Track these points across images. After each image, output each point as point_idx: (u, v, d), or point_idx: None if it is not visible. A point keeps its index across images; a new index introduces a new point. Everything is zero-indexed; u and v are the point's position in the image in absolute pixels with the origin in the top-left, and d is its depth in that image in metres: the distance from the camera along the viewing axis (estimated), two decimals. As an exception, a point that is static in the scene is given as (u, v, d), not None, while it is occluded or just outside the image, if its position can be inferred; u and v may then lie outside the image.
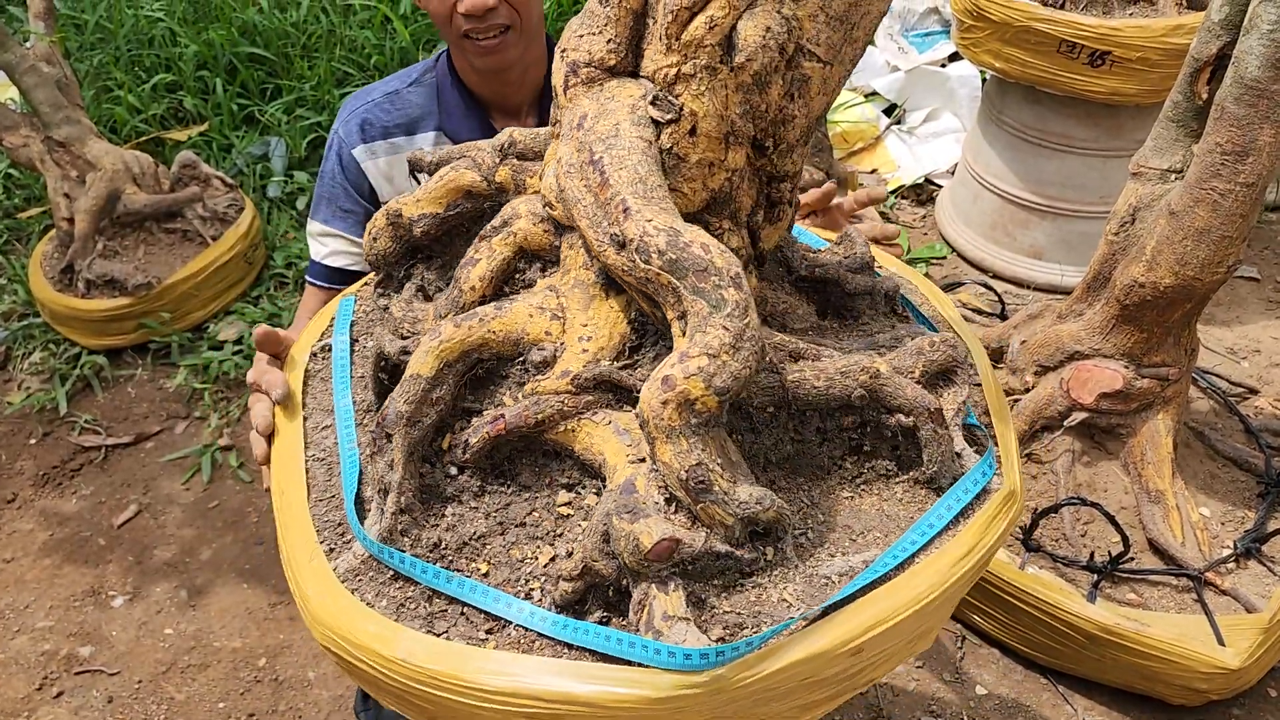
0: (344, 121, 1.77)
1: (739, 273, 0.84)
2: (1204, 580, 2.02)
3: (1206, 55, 1.95)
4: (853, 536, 0.92)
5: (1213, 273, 1.94)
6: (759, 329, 0.84)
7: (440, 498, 0.93)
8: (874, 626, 0.83)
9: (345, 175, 1.77)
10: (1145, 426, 2.16)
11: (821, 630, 0.82)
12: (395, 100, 1.76)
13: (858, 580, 0.85)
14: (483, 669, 0.80)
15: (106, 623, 2.42)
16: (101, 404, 3.05)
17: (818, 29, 0.90)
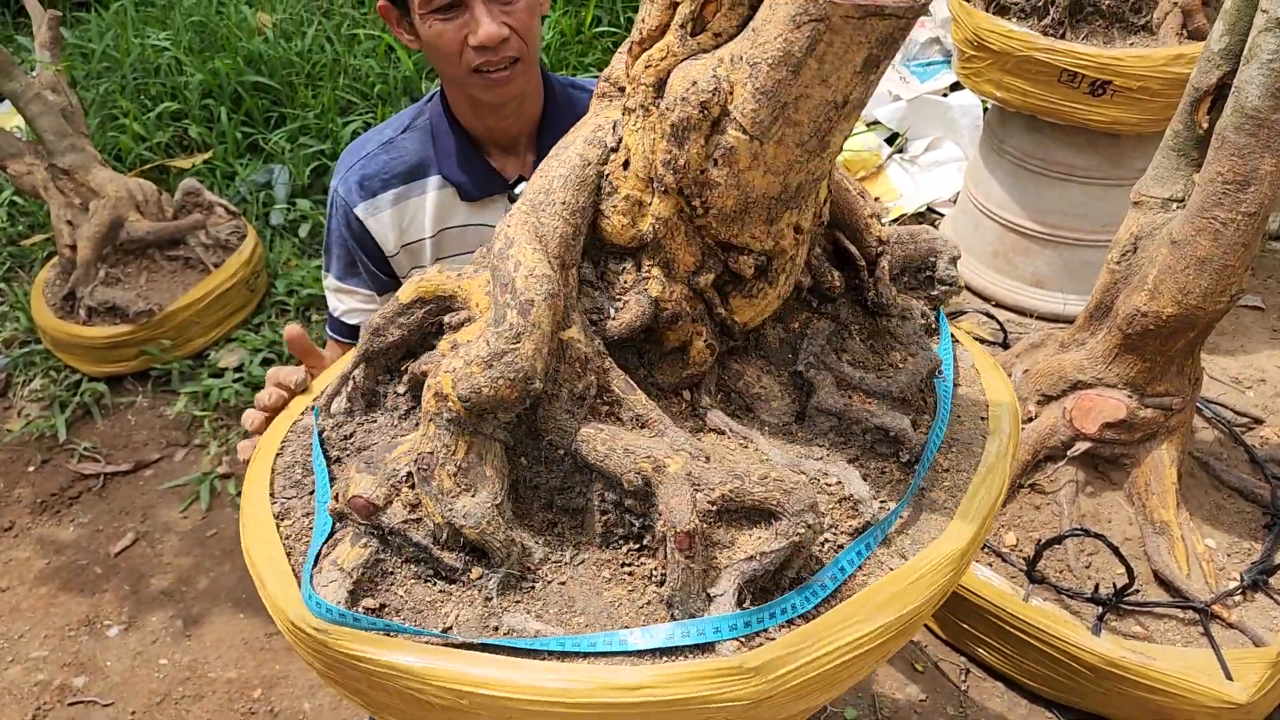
0: (342, 180, 1.75)
1: (534, 300, 0.86)
2: (1210, 613, 1.99)
3: (1207, 84, 1.95)
4: (566, 609, 0.88)
5: (1215, 302, 1.93)
6: (530, 360, 0.86)
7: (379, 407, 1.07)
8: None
9: (351, 235, 1.76)
10: (1149, 456, 2.14)
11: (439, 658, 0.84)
12: (390, 149, 1.75)
13: (520, 641, 0.84)
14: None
15: (101, 652, 2.40)
16: (101, 431, 3.04)
17: (744, 99, 0.83)
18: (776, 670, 0.82)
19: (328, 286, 1.85)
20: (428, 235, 1.76)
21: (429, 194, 1.75)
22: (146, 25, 4.54)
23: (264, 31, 4.22)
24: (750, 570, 0.85)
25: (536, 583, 0.91)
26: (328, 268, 1.84)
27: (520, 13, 1.57)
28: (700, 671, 0.80)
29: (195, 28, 4.34)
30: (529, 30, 1.59)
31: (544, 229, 0.94)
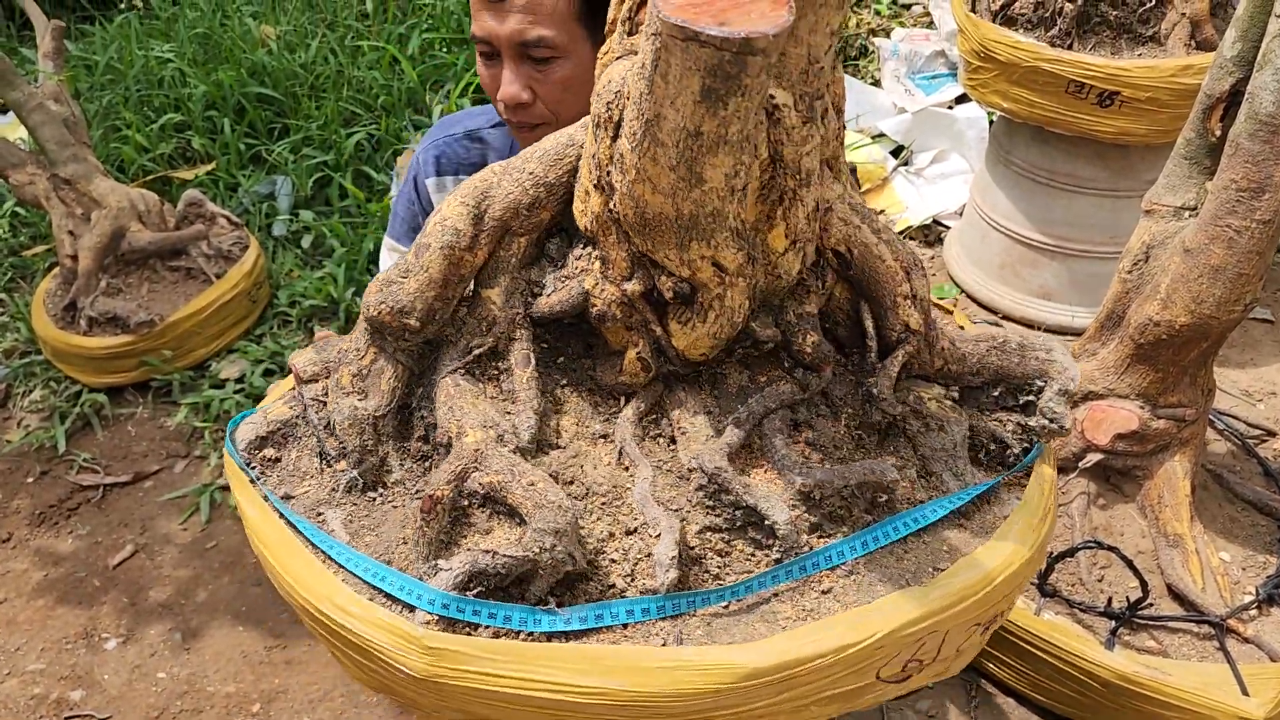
0: (424, 149, 1.82)
1: (430, 246, 0.98)
2: (1226, 627, 1.96)
3: (1220, 91, 1.93)
4: (373, 530, 1.01)
5: (1229, 311, 1.90)
6: (410, 297, 0.99)
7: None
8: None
9: (420, 201, 1.84)
10: (1162, 468, 2.11)
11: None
12: (473, 141, 1.80)
13: (317, 535, 0.98)
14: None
15: (99, 666, 2.36)
16: (101, 442, 3.02)
17: (629, 108, 0.82)
18: (449, 661, 0.86)
19: (387, 246, 1.92)
20: None
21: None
22: (150, 37, 4.54)
23: (268, 43, 4.22)
24: (482, 562, 0.88)
25: (379, 498, 1.00)
26: (391, 230, 1.92)
27: (552, 82, 1.53)
28: (388, 624, 0.88)
29: (199, 40, 4.34)
30: (559, 101, 1.56)
31: (495, 190, 1.00)
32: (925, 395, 1.06)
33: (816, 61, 0.85)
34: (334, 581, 0.94)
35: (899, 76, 4.28)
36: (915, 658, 0.93)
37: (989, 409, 1.10)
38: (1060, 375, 1.05)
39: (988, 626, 1.00)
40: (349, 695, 2.24)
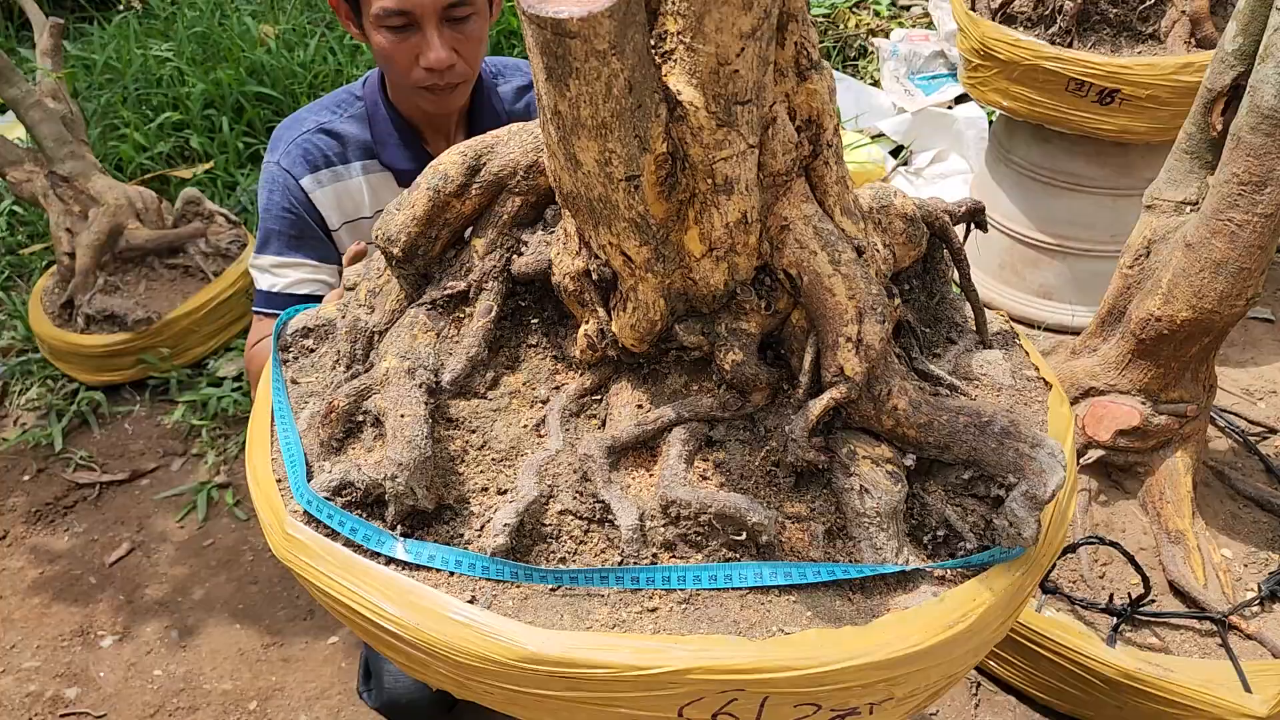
0: (284, 154, 1.78)
1: (419, 185, 1.06)
2: (1228, 624, 1.95)
3: (1221, 86, 1.93)
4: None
5: (1231, 306, 1.90)
6: (396, 228, 1.07)
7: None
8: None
9: (296, 205, 1.78)
10: (1164, 465, 2.10)
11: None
12: (329, 131, 1.79)
13: (284, 418, 1.10)
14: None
15: (94, 663, 2.35)
16: (98, 440, 3.00)
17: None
18: (299, 551, 0.97)
19: (262, 266, 1.82)
20: (367, 215, 1.83)
21: (365, 177, 1.82)
22: (149, 37, 4.53)
23: (267, 42, 4.21)
24: (351, 474, 0.97)
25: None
26: (263, 249, 1.83)
27: (471, 37, 1.64)
28: (271, 503, 1.03)
29: (198, 39, 4.33)
30: (476, 56, 1.68)
31: (499, 148, 1.05)
32: (861, 452, 0.97)
33: (728, 63, 0.82)
34: (266, 458, 1.06)
35: (898, 77, 4.28)
36: (728, 712, 0.87)
37: (955, 491, 0.99)
38: (1034, 478, 0.91)
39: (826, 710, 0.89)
40: (346, 693, 2.22)
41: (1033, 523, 0.90)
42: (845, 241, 0.97)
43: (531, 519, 0.95)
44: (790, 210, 0.96)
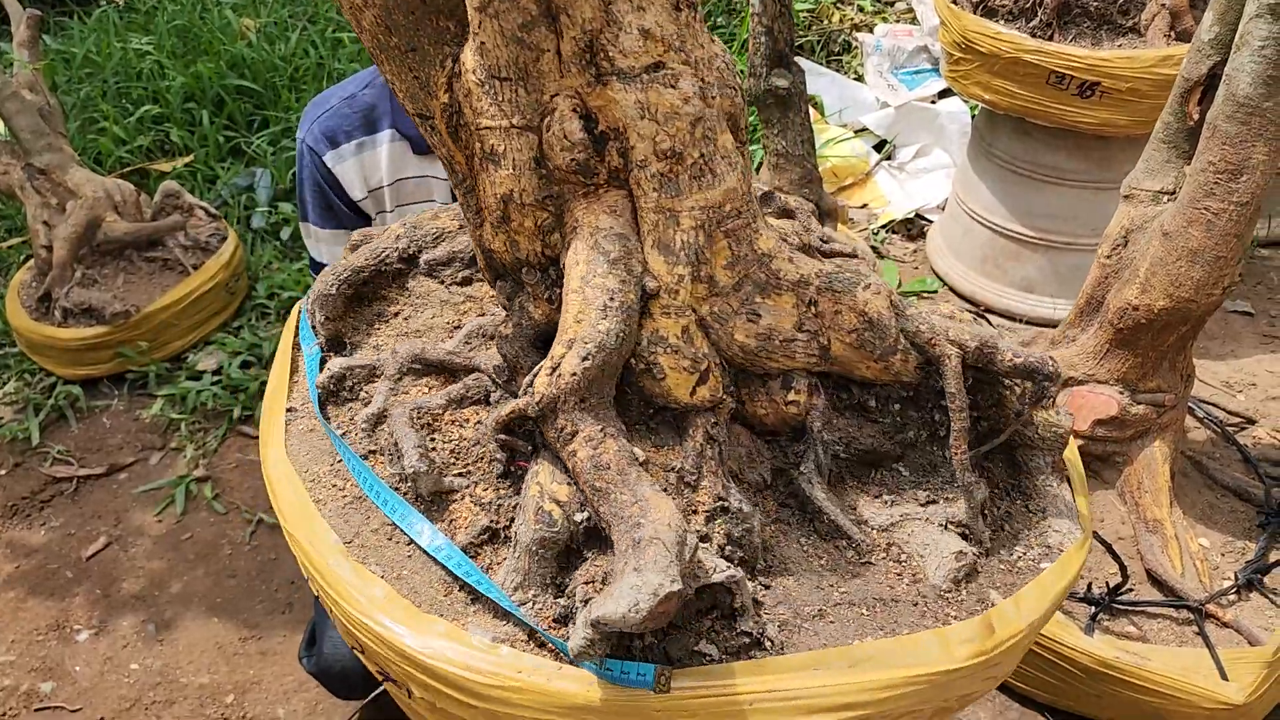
0: (308, 132, 1.90)
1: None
2: (1205, 612, 1.95)
3: (1197, 75, 1.93)
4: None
5: (1208, 294, 1.90)
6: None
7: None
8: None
9: (324, 181, 1.91)
10: (1142, 454, 2.10)
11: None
12: (352, 104, 1.89)
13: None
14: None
15: (70, 658, 2.33)
16: (75, 435, 2.98)
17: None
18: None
19: (307, 235, 2.00)
20: (386, 183, 1.92)
21: (384, 145, 1.90)
22: (129, 31, 4.50)
23: (247, 36, 4.19)
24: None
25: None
26: (305, 216, 1.99)
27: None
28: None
29: (178, 32, 4.30)
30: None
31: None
32: (545, 480, 0.95)
33: (480, 33, 0.89)
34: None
35: (882, 72, 4.28)
36: None
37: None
38: (619, 588, 0.83)
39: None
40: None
41: (582, 637, 0.80)
42: (624, 270, 0.93)
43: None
44: (584, 216, 0.95)
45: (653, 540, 0.81)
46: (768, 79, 2.82)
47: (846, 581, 0.97)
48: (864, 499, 1.05)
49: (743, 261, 0.97)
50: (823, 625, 0.92)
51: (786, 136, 2.93)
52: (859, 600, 0.95)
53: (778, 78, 2.82)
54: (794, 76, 2.84)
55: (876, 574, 0.98)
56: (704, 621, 0.90)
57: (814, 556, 1.00)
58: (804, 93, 2.87)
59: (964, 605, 0.95)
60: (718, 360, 1.00)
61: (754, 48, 2.81)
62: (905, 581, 0.97)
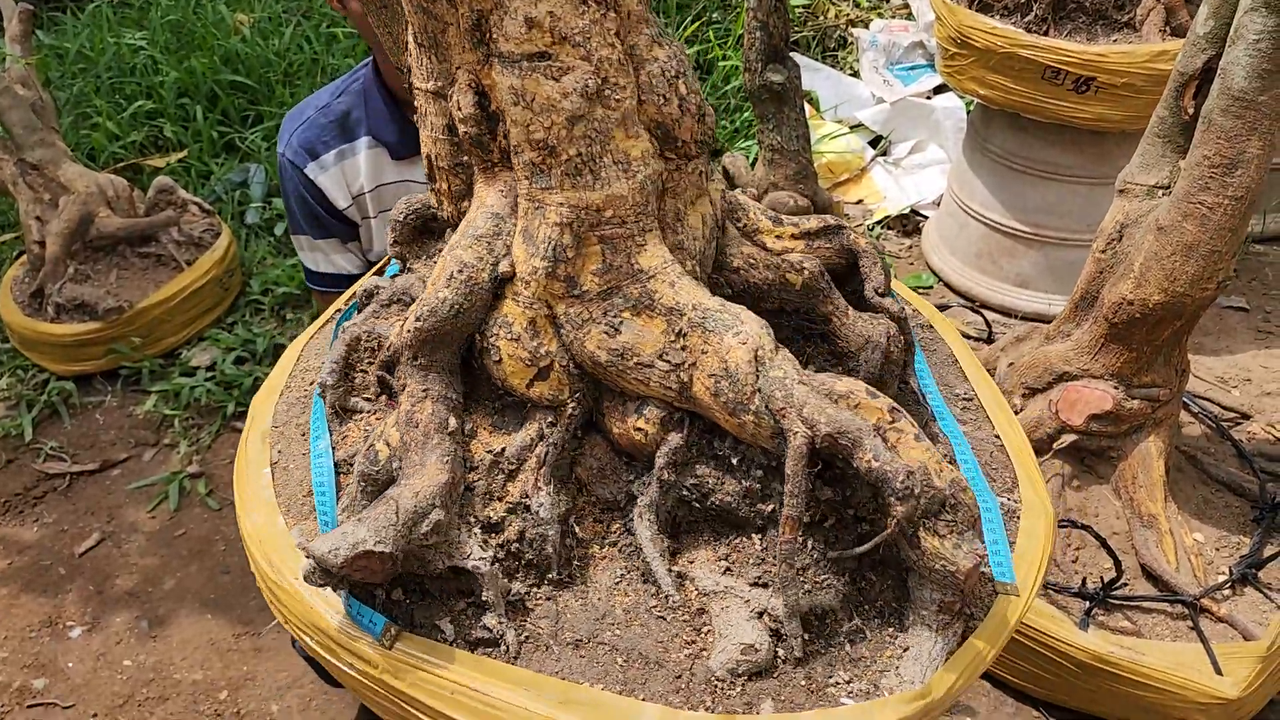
0: (287, 145, 1.93)
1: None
2: (1200, 607, 1.95)
3: (1192, 69, 1.93)
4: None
5: (1202, 288, 1.90)
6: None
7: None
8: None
9: (308, 193, 1.94)
10: (1136, 449, 2.10)
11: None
12: (327, 113, 1.92)
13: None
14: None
15: (63, 654, 2.32)
16: (68, 431, 2.97)
17: None
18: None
19: (301, 246, 2.03)
20: (367, 190, 1.95)
21: (363, 153, 1.92)
22: (123, 26, 4.48)
23: (241, 31, 4.17)
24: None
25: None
26: (296, 230, 2.02)
27: None
28: None
29: (172, 27, 4.29)
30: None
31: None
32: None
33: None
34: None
35: (877, 67, 4.27)
36: None
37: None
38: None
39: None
40: (317, 682, 2.20)
41: (304, 563, 0.86)
42: (485, 248, 0.98)
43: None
44: (480, 189, 1.00)
45: (389, 500, 0.87)
46: (763, 74, 2.82)
47: (629, 626, 0.93)
48: (704, 555, 0.99)
49: (615, 272, 0.95)
50: (570, 655, 0.91)
51: (782, 132, 2.93)
52: (625, 648, 0.91)
53: (773, 73, 2.82)
54: (789, 72, 2.83)
55: (666, 632, 0.93)
56: (458, 602, 0.93)
57: (621, 591, 0.97)
58: (799, 88, 2.86)
59: (725, 701, 0.88)
60: (567, 362, 0.97)
61: (749, 43, 2.81)
62: (687, 652, 0.92)
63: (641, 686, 0.88)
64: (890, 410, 0.92)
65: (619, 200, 0.92)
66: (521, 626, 0.93)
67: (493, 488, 0.97)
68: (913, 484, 0.86)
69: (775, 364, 0.91)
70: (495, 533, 0.95)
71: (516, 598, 0.95)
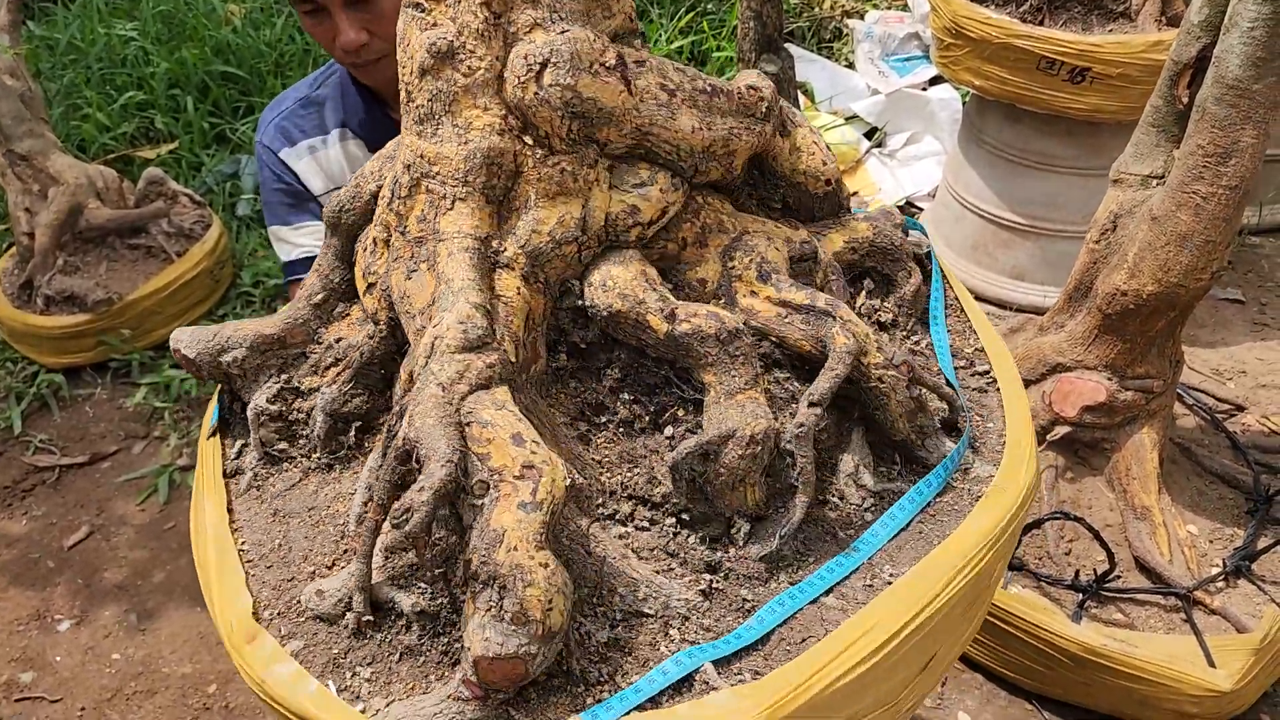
0: (264, 133, 1.92)
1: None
2: (1193, 599, 1.94)
3: (1187, 58, 1.91)
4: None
5: (1196, 279, 1.88)
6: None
7: None
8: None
9: (282, 179, 1.93)
10: (1130, 441, 2.09)
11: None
12: (306, 105, 1.91)
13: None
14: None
15: (51, 648, 2.31)
16: (58, 424, 2.95)
17: None
18: None
19: (278, 236, 1.99)
20: (347, 180, 1.87)
21: (340, 145, 1.91)
22: (114, 16, 4.46)
23: (232, 21, 4.15)
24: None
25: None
26: (271, 221, 1.98)
27: (383, 15, 1.66)
28: None
29: (163, 18, 4.26)
30: (391, 29, 1.70)
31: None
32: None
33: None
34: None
35: (873, 58, 4.25)
36: None
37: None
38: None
39: None
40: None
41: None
42: (382, 158, 1.08)
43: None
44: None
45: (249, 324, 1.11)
46: (756, 65, 2.80)
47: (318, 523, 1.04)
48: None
49: (427, 224, 0.97)
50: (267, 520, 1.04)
51: (775, 123, 2.91)
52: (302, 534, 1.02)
53: (766, 64, 2.79)
54: (783, 63, 2.81)
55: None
56: (270, 427, 1.08)
57: (339, 496, 1.07)
58: (793, 79, 2.84)
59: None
60: (388, 287, 1.05)
61: (743, 33, 2.78)
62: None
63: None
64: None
65: (445, 160, 0.94)
66: (264, 475, 1.04)
67: (319, 364, 1.07)
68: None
69: (443, 361, 0.88)
70: (295, 396, 1.06)
71: (279, 454, 1.05)
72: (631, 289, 0.95)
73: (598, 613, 0.84)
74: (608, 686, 0.79)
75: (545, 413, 0.95)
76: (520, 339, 0.93)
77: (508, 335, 0.91)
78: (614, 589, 0.85)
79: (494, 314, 0.91)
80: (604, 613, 0.84)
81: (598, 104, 0.92)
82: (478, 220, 0.94)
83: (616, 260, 0.97)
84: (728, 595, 0.88)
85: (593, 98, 0.91)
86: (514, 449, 0.80)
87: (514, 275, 0.94)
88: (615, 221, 0.97)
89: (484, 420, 0.82)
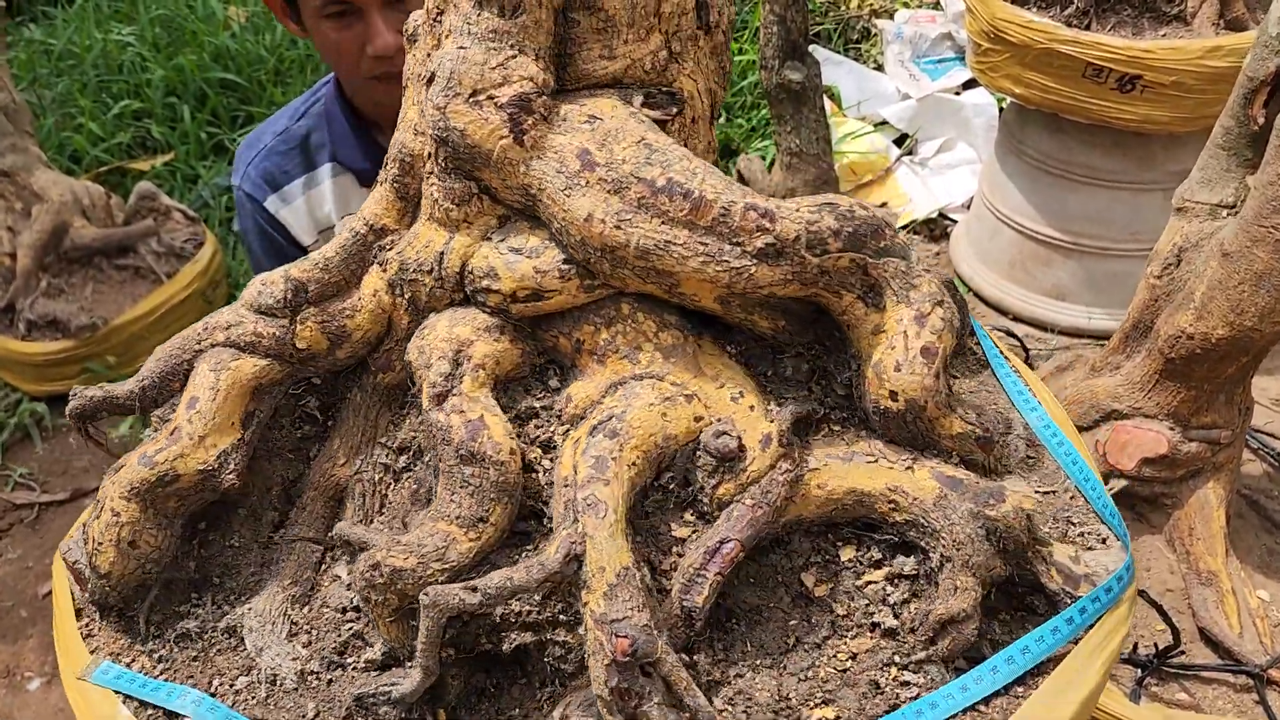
0: (244, 177, 1.77)
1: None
2: (1266, 679, 1.76)
3: (1264, 74, 1.71)
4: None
5: (1274, 323, 1.68)
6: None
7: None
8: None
9: (266, 231, 1.80)
10: (1194, 497, 1.90)
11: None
12: (286, 139, 1.76)
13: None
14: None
15: (19, 709, 2.17)
16: (40, 456, 2.81)
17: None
18: None
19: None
20: (336, 221, 1.78)
21: (329, 180, 1.77)
22: (113, 20, 4.33)
23: (232, 26, 4.01)
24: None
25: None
26: (258, 268, 1.85)
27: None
28: None
29: (162, 22, 4.13)
30: None
31: None
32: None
33: None
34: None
35: (903, 60, 4.08)
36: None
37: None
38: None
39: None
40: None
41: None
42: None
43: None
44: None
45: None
46: (780, 72, 2.62)
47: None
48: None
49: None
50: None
51: (800, 134, 2.74)
52: None
53: (791, 71, 2.62)
54: (808, 69, 2.63)
55: None
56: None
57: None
58: (819, 87, 2.67)
59: None
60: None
61: (765, 38, 2.61)
62: None
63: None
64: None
65: (392, 146, 0.98)
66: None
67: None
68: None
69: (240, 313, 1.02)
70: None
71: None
72: (430, 351, 0.88)
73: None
74: None
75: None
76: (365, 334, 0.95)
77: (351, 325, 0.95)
78: None
79: (307, 291, 0.92)
80: None
81: (466, 138, 0.83)
82: (381, 209, 0.95)
83: (460, 317, 0.90)
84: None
85: (460, 129, 0.83)
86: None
87: (381, 277, 0.94)
88: (471, 275, 0.89)
89: None
